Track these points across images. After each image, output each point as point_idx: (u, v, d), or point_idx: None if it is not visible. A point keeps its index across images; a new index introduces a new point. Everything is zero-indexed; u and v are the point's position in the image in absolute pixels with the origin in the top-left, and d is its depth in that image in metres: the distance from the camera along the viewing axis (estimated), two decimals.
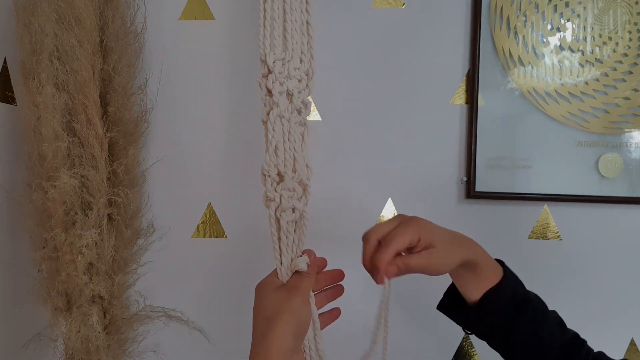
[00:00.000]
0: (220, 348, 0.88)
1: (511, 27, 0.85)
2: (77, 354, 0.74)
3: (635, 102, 0.85)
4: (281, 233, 0.53)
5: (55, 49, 0.72)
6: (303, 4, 0.56)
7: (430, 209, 0.88)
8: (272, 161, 0.53)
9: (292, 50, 0.55)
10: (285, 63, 0.54)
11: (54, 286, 0.73)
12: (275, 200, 0.53)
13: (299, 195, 0.54)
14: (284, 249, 0.53)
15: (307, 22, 0.56)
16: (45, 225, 0.72)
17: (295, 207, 0.53)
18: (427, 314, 0.88)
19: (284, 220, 0.53)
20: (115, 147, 0.78)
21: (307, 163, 0.54)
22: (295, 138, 0.54)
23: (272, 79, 0.53)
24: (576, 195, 0.85)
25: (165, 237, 0.87)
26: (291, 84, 0.54)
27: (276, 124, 0.53)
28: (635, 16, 0.84)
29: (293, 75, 0.54)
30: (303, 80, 0.55)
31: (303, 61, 0.55)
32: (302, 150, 0.54)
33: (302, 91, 0.55)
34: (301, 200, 0.54)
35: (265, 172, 0.53)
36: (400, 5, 0.87)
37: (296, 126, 0.54)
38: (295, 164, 0.53)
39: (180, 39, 0.87)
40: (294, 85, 0.54)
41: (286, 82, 0.54)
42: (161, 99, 0.86)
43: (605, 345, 0.88)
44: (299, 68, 0.55)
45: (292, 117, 0.54)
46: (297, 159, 0.53)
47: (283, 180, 0.53)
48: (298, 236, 0.54)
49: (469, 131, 0.86)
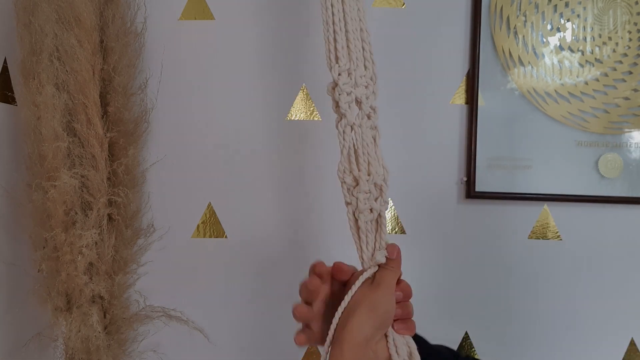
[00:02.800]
0: (220, 348, 0.88)
1: (511, 27, 0.85)
2: (77, 354, 0.74)
3: (635, 102, 0.85)
4: (360, 232, 0.55)
5: (55, 49, 0.72)
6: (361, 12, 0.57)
7: (430, 209, 0.88)
8: (346, 167, 0.55)
9: (355, 58, 0.56)
10: (352, 72, 0.55)
11: (54, 286, 0.73)
12: (352, 203, 0.55)
13: (375, 196, 0.55)
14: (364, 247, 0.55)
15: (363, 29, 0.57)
16: (45, 225, 0.72)
17: (372, 208, 0.55)
18: (426, 314, 0.88)
19: (362, 220, 0.55)
20: (115, 147, 0.78)
21: (382, 164, 0.56)
22: (368, 142, 0.56)
23: (338, 91, 0.55)
24: (576, 195, 0.85)
25: (165, 237, 0.87)
26: (359, 91, 0.55)
27: (346, 132, 0.55)
28: (635, 16, 0.85)
29: (360, 82, 0.56)
30: (370, 86, 0.57)
31: (367, 67, 0.57)
32: (376, 153, 0.56)
33: (369, 96, 0.57)
34: (378, 201, 0.55)
35: (340, 179, 0.56)
36: (400, 5, 0.87)
37: (367, 130, 0.56)
38: (369, 167, 0.55)
39: (180, 39, 0.87)
40: (362, 92, 0.56)
41: (354, 91, 0.55)
42: (161, 99, 0.86)
43: (605, 345, 0.89)
44: (364, 75, 0.56)
45: (362, 122, 0.56)
46: (371, 162, 0.55)
47: (358, 184, 0.55)
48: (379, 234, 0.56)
49: (469, 131, 0.86)
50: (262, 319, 0.89)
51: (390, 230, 0.88)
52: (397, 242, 0.88)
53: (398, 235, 0.88)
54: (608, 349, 0.88)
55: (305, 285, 0.55)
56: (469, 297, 0.87)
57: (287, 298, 0.88)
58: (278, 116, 0.88)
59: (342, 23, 0.55)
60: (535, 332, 0.88)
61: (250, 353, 0.89)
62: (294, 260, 0.87)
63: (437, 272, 0.88)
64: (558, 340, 0.87)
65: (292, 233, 0.88)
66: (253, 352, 0.89)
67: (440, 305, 0.88)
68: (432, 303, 0.88)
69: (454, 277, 0.88)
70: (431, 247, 0.88)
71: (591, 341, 0.88)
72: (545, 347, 0.88)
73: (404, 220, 0.88)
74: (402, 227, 0.88)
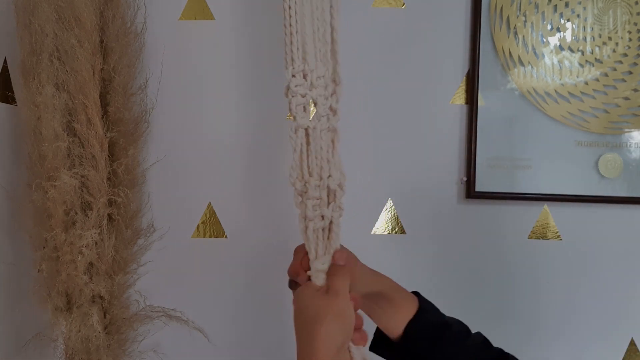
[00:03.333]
0: (220, 348, 0.88)
1: (511, 27, 0.85)
2: (77, 354, 0.74)
3: (635, 102, 0.85)
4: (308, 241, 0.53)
5: (55, 49, 0.72)
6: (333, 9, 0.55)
7: (430, 209, 0.88)
8: (298, 172, 0.53)
9: (315, 59, 0.54)
10: (307, 73, 0.53)
11: (54, 286, 0.73)
12: (302, 210, 0.53)
13: (327, 202, 0.53)
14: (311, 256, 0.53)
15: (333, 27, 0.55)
16: (45, 225, 0.72)
17: (323, 215, 0.53)
18: None
19: (311, 228, 0.53)
20: (115, 147, 0.78)
21: (340, 169, 0.54)
22: (323, 145, 0.53)
23: (291, 93, 0.53)
24: (576, 195, 0.85)
25: (165, 237, 0.87)
26: (315, 92, 0.53)
27: (298, 135, 0.53)
28: (635, 16, 0.85)
29: (318, 84, 0.54)
30: (329, 86, 0.55)
31: (329, 68, 0.55)
32: (333, 157, 0.54)
33: (328, 98, 0.54)
34: (330, 207, 0.53)
35: (291, 184, 0.53)
36: (400, 5, 0.87)
37: (324, 133, 0.54)
38: (321, 172, 0.53)
39: (180, 39, 0.87)
40: (319, 94, 0.54)
41: (309, 93, 0.53)
42: (161, 99, 0.86)
43: (605, 345, 0.89)
44: (323, 76, 0.54)
45: (318, 125, 0.53)
46: (324, 166, 0.53)
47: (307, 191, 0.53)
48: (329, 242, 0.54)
49: (469, 131, 0.86)
50: (262, 318, 0.89)
51: (390, 230, 0.88)
52: (397, 242, 0.88)
53: (398, 235, 0.88)
54: (608, 349, 0.88)
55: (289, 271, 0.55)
56: (469, 297, 0.87)
57: (287, 298, 0.88)
58: (278, 116, 0.87)
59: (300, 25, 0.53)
60: (535, 332, 0.88)
61: (250, 353, 0.89)
62: None
63: (437, 272, 0.88)
64: (558, 340, 0.87)
65: (292, 233, 0.88)
66: (253, 352, 0.89)
67: (440, 305, 0.88)
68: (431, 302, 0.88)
69: (454, 277, 0.88)
70: (431, 247, 0.88)
71: (591, 341, 0.88)
72: (545, 346, 0.88)
73: (404, 220, 0.88)
74: (402, 227, 0.88)
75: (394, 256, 0.88)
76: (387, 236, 0.88)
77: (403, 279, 0.71)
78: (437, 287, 0.89)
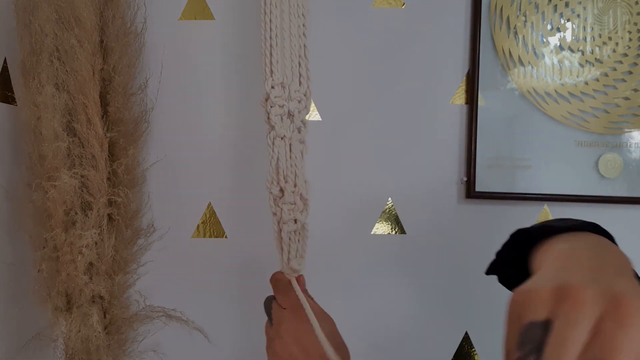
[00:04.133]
0: (220, 348, 0.88)
1: (511, 27, 0.85)
2: (77, 354, 0.74)
3: (635, 102, 0.85)
4: (283, 243, 0.57)
5: (55, 49, 0.72)
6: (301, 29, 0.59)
7: (430, 209, 0.88)
8: (274, 178, 0.57)
9: (291, 73, 0.58)
10: (286, 86, 0.57)
11: (54, 286, 0.73)
12: (277, 214, 0.57)
13: (300, 208, 0.57)
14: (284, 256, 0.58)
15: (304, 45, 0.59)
16: (45, 225, 0.72)
17: (297, 219, 0.57)
18: (426, 314, 0.88)
19: (285, 230, 0.57)
20: (115, 147, 0.78)
21: (305, 179, 0.58)
22: (296, 155, 0.57)
23: (270, 103, 0.56)
24: (576, 195, 0.85)
25: (165, 237, 0.87)
26: (292, 105, 0.57)
27: (275, 144, 0.56)
28: (635, 16, 0.85)
29: (294, 97, 0.57)
30: (302, 100, 0.58)
31: (302, 83, 0.59)
32: (302, 167, 0.58)
33: (301, 111, 0.58)
34: (302, 213, 0.57)
35: (268, 189, 0.57)
36: (400, 5, 0.87)
37: (297, 144, 0.57)
38: (296, 179, 0.57)
39: (180, 39, 0.87)
40: (295, 106, 0.57)
41: (287, 104, 0.57)
42: (161, 99, 0.86)
43: None
44: (298, 90, 0.58)
45: (293, 135, 0.57)
46: (298, 174, 0.57)
47: (284, 195, 0.56)
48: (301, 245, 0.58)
49: (469, 131, 0.86)
50: (262, 319, 0.89)
51: (390, 230, 0.88)
52: (397, 242, 0.88)
53: (398, 235, 0.88)
54: None
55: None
56: (469, 297, 0.87)
57: None
58: None
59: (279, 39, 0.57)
60: None
61: (250, 353, 0.89)
62: None
63: (437, 272, 0.88)
64: None
65: None
66: (253, 352, 0.89)
67: (440, 305, 0.88)
68: (432, 303, 0.88)
69: (454, 277, 0.88)
70: (431, 247, 0.88)
71: None
72: None
73: (404, 220, 0.88)
74: (402, 227, 0.88)
75: (394, 256, 0.88)
76: (387, 236, 0.88)
77: (403, 279, 0.71)
78: (437, 287, 0.89)
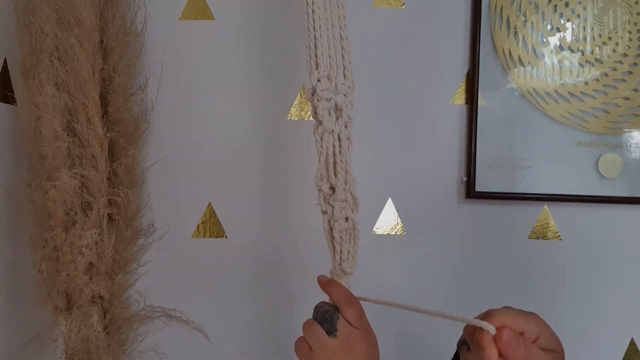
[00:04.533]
0: (220, 348, 0.88)
1: (511, 27, 0.85)
2: (77, 354, 0.74)
3: (635, 102, 0.85)
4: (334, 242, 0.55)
5: (55, 49, 0.72)
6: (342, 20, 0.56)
7: (430, 209, 0.88)
8: (323, 175, 0.54)
9: (336, 65, 0.55)
10: (332, 78, 0.54)
11: (54, 286, 0.73)
12: (328, 212, 0.55)
13: (351, 206, 0.55)
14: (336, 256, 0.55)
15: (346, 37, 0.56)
16: (45, 225, 0.72)
17: (348, 217, 0.55)
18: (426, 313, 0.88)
19: (337, 229, 0.54)
20: (115, 147, 0.78)
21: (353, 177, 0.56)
22: (345, 151, 0.55)
23: (317, 97, 0.54)
24: (576, 195, 0.85)
25: (165, 237, 0.87)
26: (339, 98, 0.55)
27: (324, 139, 0.54)
28: (635, 16, 0.85)
29: (340, 90, 0.55)
30: (348, 95, 0.56)
31: (346, 76, 0.56)
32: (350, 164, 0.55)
33: (347, 105, 0.56)
34: (354, 211, 0.55)
35: (317, 186, 0.55)
36: (400, 5, 0.87)
37: (345, 139, 0.55)
38: (346, 176, 0.55)
39: (180, 39, 0.87)
40: (342, 100, 0.55)
41: (334, 97, 0.54)
42: (161, 99, 0.86)
43: (605, 345, 0.89)
44: (344, 83, 0.55)
45: (341, 130, 0.55)
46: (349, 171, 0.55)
47: (335, 193, 0.54)
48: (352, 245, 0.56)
49: (469, 131, 0.86)
50: (262, 319, 0.89)
51: (390, 230, 0.88)
52: (397, 242, 0.89)
53: (398, 235, 0.88)
54: (608, 349, 0.88)
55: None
56: (469, 297, 0.87)
57: (286, 298, 0.88)
58: (278, 116, 0.88)
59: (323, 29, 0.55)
60: None
61: (250, 353, 0.89)
62: (293, 260, 0.87)
63: (436, 272, 0.88)
64: None
65: (292, 233, 0.88)
66: (253, 352, 0.89)
67: (440, 305, 0.88)
68: (431, 303, 0.87)
69: (454, 277, 0.88)
70: (431, 247, 0.88)
71: (591, 341, 0.88)
72: None
73: (404, 220, 0.88)
74: (402, 227, 0.88)
75: (394, 256, 0.88)
76: (387, 236, 0.88)
77: (403, 279, 0.71)
78: (436, 287, 0.89)
